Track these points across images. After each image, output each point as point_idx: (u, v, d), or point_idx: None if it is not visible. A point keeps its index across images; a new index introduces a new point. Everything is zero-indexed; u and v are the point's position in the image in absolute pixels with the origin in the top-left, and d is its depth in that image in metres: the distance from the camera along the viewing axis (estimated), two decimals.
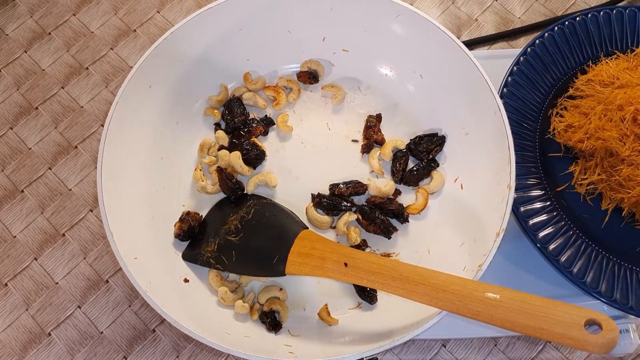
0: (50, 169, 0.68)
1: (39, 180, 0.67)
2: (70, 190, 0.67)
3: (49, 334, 0.61)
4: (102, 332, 0.61)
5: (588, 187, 0.58)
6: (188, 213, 0.58)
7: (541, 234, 0.55)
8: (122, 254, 0.50)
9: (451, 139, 0.61)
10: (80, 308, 0.62)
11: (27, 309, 0.62)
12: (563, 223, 0.56)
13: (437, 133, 0.61)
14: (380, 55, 0.64)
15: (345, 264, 0.50)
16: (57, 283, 0.63)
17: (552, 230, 0.56)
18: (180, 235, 0.57)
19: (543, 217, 0.56)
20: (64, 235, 0.65)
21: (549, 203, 0.57)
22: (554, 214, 0.57)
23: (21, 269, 0.64)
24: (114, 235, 0.51)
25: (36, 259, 0.64)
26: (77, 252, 0.64)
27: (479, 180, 0.57)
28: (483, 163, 0.56)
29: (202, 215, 0.59)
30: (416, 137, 0.61)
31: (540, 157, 0.59)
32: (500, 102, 0.54)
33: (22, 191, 0.67)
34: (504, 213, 0.51)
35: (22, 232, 0.65)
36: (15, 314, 0.62)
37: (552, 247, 0.55)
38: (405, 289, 0.47)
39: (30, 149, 0.69)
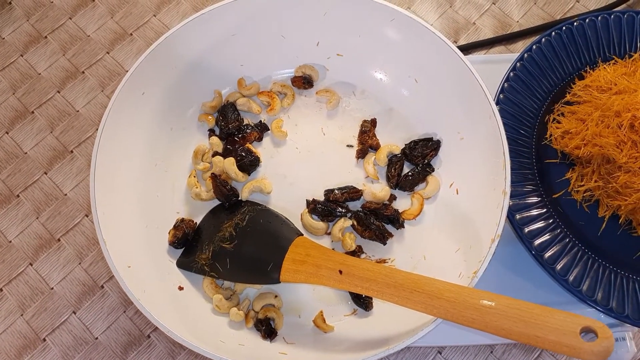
0: (45, 173, 0.68)
1: (35, 184, 0.67)
2: (66, 195, 0.67)
3: (44, 340, 0.61)
4: (97, 338, 0.61)
5: (585, 194, 0.58)
6: (182, 220, 0.58)
7: (537, 242, 0.55)
8: (115, 263, 0.50)
9: (446, 144, 0.61)
10: (75, 313, 0.62)
11: (22, 314, 0.62)
12: (559, 230, 0.56)
13: (432, 138, 0.61)
14: (374, 59, 0.63)
15: (340, 272, 0.50)
16: (52, 288, 0.63)
17: (548, 237, 0.55)
18: (174, 243, 0.57)
19: (539, 225, 0.56)
20: (59, 240, 0.65)
21: (545, 210, 0.57)
22: (550, 221, 0.56)
23: (16, 274, 0.64)
24: (106, 243, 0.50)
25: (31, 264, 0.64)
26: (72, 257, 0.64)
27: (474, 186, 0.57)
28: (478, 168, 0.56)
29: (196, 222, 0.59)
30: (411, 142, 0.61)
31: (537, 164, 0.59)
32: (494, 106, 0.54)
33: (18, 196, 0.67)
34: (499, 219, 0.50)
35: (18, 237, 0.65)
36: (10, 320, 0.62)
37: (548, 254, 0.54)
38: (400, 297, 0.47)
39: (25, 153, 0.69)
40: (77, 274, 0.64)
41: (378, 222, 0.58)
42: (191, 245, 0.57)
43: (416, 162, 0.61)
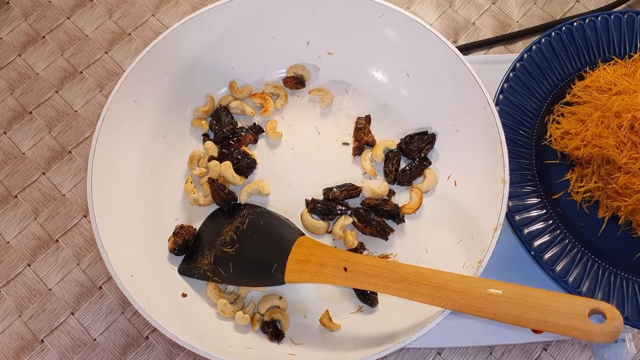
0: (44, 174, 0.68)
1: (33, 185, 0.67)
2: (64, 195, 0.67)
3: (42, 341, 0.61)
4: (95, 339, 0.61)
5: (584, 195, 0.58)
6: (181, 227, 0.57)
7: (536, 243, 0.55)
8: (118, 273, 0.49)
9: (441, 137, 0.61)
10: (73, 315, 0.62)
11: (20, 316, 0.62)
12: (559, 232, 0.56)
13: (427, 131, 0.61)
14: (365, 56, 0.63)
15: (345, 269, 0.49)
16: (50, 289, 0.63)
17: (548, 239, 0.55)
18: (175, 250, 0.56)
19: (539, 226, 0.56)
20: (57, 241, 0.65)
21: (544, 211, 0.56)
22: (550, 222, 0.56)
23: (14, 275, 0.63)
24: (108, 255, 0.50)
25: (29, 265, 0.64)
26: (70, 258, 0.64)
27: (472, 176, 0.57)
28: (475, 159, 0.56)
29: (195, 228, 0.58)
30: (407, 137, 0.61)
31: (537, 165, 0.59)
32: (488, 95, 0.54)
33: (16, 196, 0.67)
34: (500, 208, 0.51)
35: (16, 237, 0.65)
36: (8, 321, 0.62)
37: (547, 256, 0.54)
38: (407, 290, 0.46)
39: (24, 153, 0.69)
40: (75, 275, 0.63)
41: (378, 218, 0.58)
42: (192, 252, 0.57)
43: (413, 156, 0.61)
